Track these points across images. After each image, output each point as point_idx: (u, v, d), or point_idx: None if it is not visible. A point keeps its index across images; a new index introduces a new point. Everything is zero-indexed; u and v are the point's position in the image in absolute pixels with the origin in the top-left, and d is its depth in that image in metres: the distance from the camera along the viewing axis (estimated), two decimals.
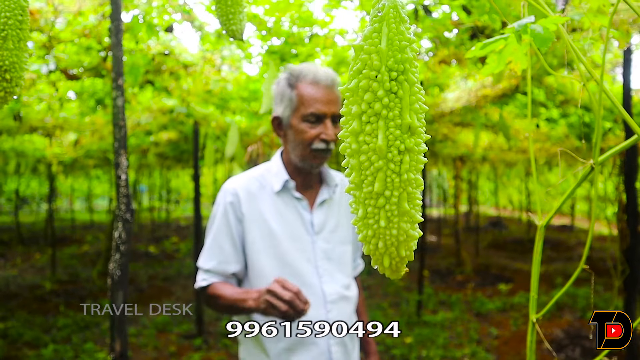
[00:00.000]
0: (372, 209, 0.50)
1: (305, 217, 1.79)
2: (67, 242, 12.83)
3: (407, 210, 0.49)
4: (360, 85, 0.49)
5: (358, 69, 0.49)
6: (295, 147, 1.75)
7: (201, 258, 1.80)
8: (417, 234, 0.51)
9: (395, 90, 0.48)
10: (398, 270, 0.52)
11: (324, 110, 1.70)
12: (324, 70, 1.76)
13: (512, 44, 0.85)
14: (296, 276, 1.71)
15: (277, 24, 2.43)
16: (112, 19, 1.89)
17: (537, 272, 0.86)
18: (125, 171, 1.97)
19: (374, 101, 0.49)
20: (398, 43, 0.49)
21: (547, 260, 9.94)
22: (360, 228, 0.51)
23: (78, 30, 2.35)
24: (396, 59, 0.49)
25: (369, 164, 0.49)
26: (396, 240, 0.50)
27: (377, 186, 0.49)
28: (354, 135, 0.49)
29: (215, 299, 1.71)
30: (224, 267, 1.75)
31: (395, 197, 0.49)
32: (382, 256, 0.51)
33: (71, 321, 5.93)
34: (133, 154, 7.54)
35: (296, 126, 1.72)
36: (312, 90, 1.71)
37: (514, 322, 6.01)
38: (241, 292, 1.65)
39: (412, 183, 0.49)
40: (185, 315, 6.36)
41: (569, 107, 4.37)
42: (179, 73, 3.20)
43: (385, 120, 0.48)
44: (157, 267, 9.44)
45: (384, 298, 7.16)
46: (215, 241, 1.77)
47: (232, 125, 3.63)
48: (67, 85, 3.11)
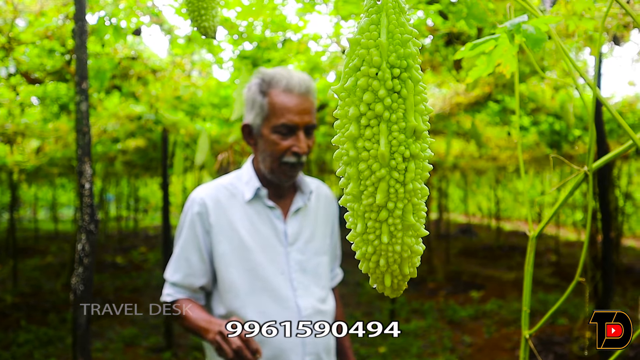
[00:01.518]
0: (373, 223, 0.44)
1: (278, 227, 1.72)
2: (30, 253, 12.39)
3: (413, 223, 0.43)
4: (358, 84, 0.42)
5: (355, 65, 0.42)
6: (265, 159, 1.68)
7: (168, 269, 1.71)
8: (422, 248, 0.45)
9: (398, 89, 0.42)
10: (399, 289, 0.47)
11: (297, 121, 1.62)
12: (298, 77, 1.67)
13: (503, 45, 0.80)
14: (269, 290, 1.64)
15: (250, 28, 2.37)
16: (75, 20, 1.79)
17: (529, 286, 0.82)
18: (89, 180, 1.86)
19: (374, 102, 0.42)
20: (400, 36, 0.43)
21: (517, 266, 10.05)
22: (358, 244, 0.45)
23: (40, 31, 2.24)
24: (398, 54, 0.42)
25: (369, 172, 0.43)
26: (399, 257, 0.44)
27: (379, 198, 0.42)
28: (351, 140, 0.43)
29: (179, 317, 1.63)
30: (191, 281, 1.67)
31: (400, 209, 0.43)
32: (382, 275, 0.45)
33: (33, 336, 5.69)
34: (99, 162, 7.33)
35: (267, 136, 1.65)
36: (284, 99, 1.63)
37: (486, 329, 6.03)
38: (204, 321, 1.55)
39: (417, 193, 0.43)
40: (153, 328, 6.18)
41: (540, 115, 4.42)
42: (147, 78, 3.09)
43: (388, 124, 0.42)
44: (125, 278, 9.18)
45: (357, 307, 7.11)
46: (182, 253, 1.69)
47: (202, 133, 3.54)
48: (28, 89, 2.97)
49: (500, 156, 7.77)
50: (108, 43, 2.58)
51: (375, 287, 0.47)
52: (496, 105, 4.37)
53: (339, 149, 0.44)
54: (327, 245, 1.83)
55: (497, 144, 6.50)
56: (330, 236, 1.89)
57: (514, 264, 10.41)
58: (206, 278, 1.68)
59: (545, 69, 3.36)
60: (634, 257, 11.12)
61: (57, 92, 3.18)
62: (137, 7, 2.25)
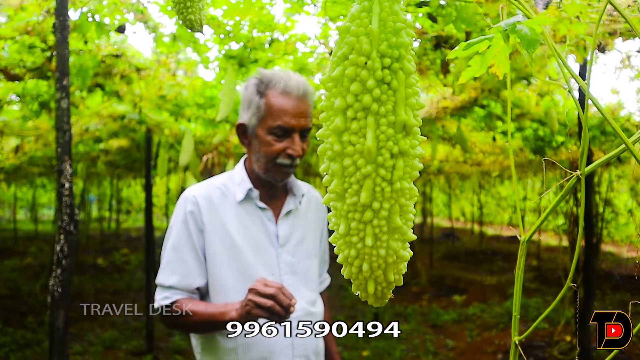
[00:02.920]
0: (357, 224, 0.41)
1: (269, 229, 1.70)
2: (9, 253, 12.17)
3: (399, 226, 0.40)
4: (345, 74, 0.39)
5: (343, 53, 0.39)
6: (259, 159, 1.66)
7: (161, 274, 1.65)
8: (408, 254, 0.42)
9: (388, 80, 0.39)
10: (384, 297, 0.44)
11: (293, 124, 1.60)
12: (296, 79, 1.65)
13: (496, 45, 0.79)
14: None
15: (237, 27, 2.33)
16: (56, 15, 1.75)
17: (519, 291, 0.80)
18: (69, 179, 1.82)
19: (362, 93, 0.39)
20: (392, 24, 0.40)
21: (499, 271, 10.12)
22: (341, 247, 0.42)
23: (20, 26, 2.19)
24: (390, 43, 0.39)
25: (354, 169, 0.40)
26: (384, 262, 0.41)
27: (363, 196, 0.39)
28: (336, 134, 0.40)
29: (183, 316, 1.58)
30: (188, 282, 1.62)
31: (386, 209, 0.40)
32: (366, 281, 0.42)
33: (10, 339, 5.56)
34: (81, 161, 7.22)
35: (262, 137, 1.63)
36: (281, 101, 1.61)
37: (469, 333, 6.05)
38: (219, 306, 1.53)
39: (405, 193, 0.40)
40: (134, 331, 6.10)
41: (525, 121, 4.44)
42: (131, 77, 3.04)
43: (376, 117, 0.38)
44: (106, 280, 9.05)
45: (340, 311, 7.08)
46: (176, 254, 1.64)
47: (186, 133, 3.49)
48: (7, 86, 2.91)
49: (484, 161, 7.82)
50: (91, 39, 2.53)
51: (358, 294, 0.44)
52: (482, 110, 4.39)
53: (324, 143, 0.41)
54: (317, 249, 1.82)
55: (481, 149, 6.53)
56: (320, 240, 1.88)
57: (495, 268, 10.48)
58: (203, 278, 1.64)
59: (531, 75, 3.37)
60: (613, 262, 11.26)
61: (38, 90, 3.11)
62: (121, 4, 2.21)
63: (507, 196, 16.17)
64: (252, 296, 1.40)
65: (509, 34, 0.72)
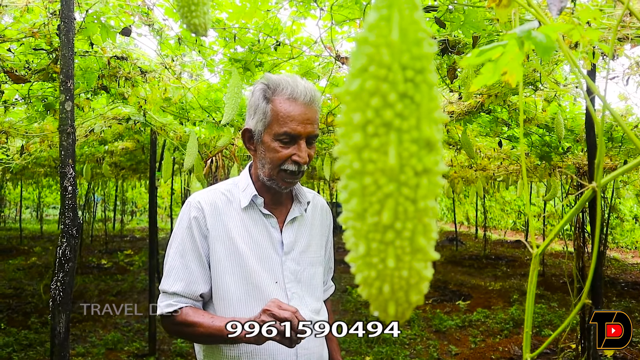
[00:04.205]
0: (378, 245, 0.38)
1: (274, 236, 1.67)
2: (14, 253, 12.21)
3: (423, 246, 0.38)
4: (365, 87, 0.37)
5: (362, 66, 0.37)
6: (265, 165, 1.63)
7: (165, 280, 1.63)
8: (430, 274, 0.40)
9: (411, 94, 0.37)
10: (403, 317, 0.42)
11: (299, 131, 1.57)
12: (303, 85, 1.62)
13: (510, 52, 0.76)
14: (262, 298, 1.59)
15: (242, 31, 2.32)
16: (62, 17, 1.73)
17: (531, 306, 0.78)
18: (72, 183, 1.80)
19: (383, 108, 0.37)
20: (414, 34, 0.38)
21: (503, 276, 10.08)
22: (360, 268, 0.39)
23: (25, 28, 2.18)
24: (412, 54, 0.37)
25: (375, 188, 0.38)
26: (406, 284, 0.39)
27: (385, 216, 0.37)
28: (355, 151, 0.37)
29: (188, 326, 1.55)
30: (193, 289, 1.60)
31: (409, 230, 0.38)
32: (386, 302, 0.40)
33: (12, 339, 5.56)
34: (86, 163, 7.23)
35: (268, 143, 1.60)
36: (288, 107, 1.58)
37: (472, 339, 6.01)
38: (226, 320, 1.50)
39: (428, 212, 0.38)
40: (137, 332, 6.08)
41: (531, 126, 4.41)
42: (136, 79, 3.03)
43: (398, 133, 0.36)
44: (109, 280, 9.05)
45: (343, 315, 7.05)
46: (181, 260, 1.62)
47: (191, 135, 3.48)
48: (13, 87, 2.90)
49: (489, 166, 7.79)
50: (96, 42, 2.52)
51: (377, 314, 0.42)
52: (487, 115, 4.36)
53: (342, 160, 0.39)
54: (322, 257, 1.80)
55: (486, 154, 6.50)
56: (325, 248, 1.86)
57: (499, 273, 10.43)
58: (208, 285, 1.62)
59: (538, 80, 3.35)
60: (618, 269, 11.21)
61: (43, 91, 3.10)
62: (126, 6, 2.20)
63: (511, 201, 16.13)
64: (266, 317, 1.38)
65: (524, 41, 0.70)
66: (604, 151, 0.84)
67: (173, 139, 4.32)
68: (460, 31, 1.99)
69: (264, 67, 2.76)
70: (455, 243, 14.68)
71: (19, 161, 4.53)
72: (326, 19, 2.36)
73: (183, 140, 4.41)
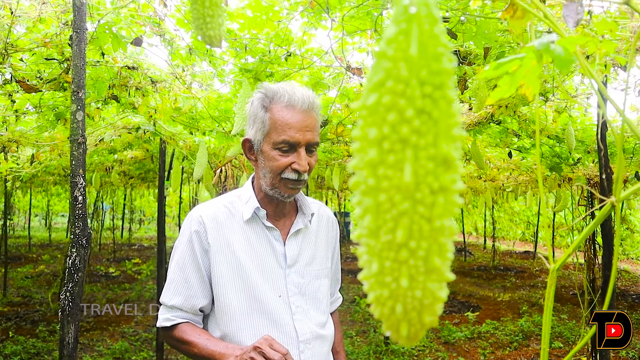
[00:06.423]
0: (392, 264, 0.37)
1: (277, 249, 1.65)
2: (22, 261, 12.28)
3: (437, 266, 0.37)
4: (382, 102, 0.37)
5: (380, 81, 0.36)
6: (266, 175, 1.61)
7: (165, 293, 1.62)
8: (445, 294, 0.39)
9: (429, 109, 0.36)
10: (416, 338, 0.40)
11: (298, 139, 1.55)
12: (301, 92, 1.60)
13: (527, 65, 0.75)
14: (266, 313, 1.57)
15: (253, 41, 2.32)
16: (74, 28, 1.75)
17: (549, 322, 0.76)
18: (82, 192, 1.81)
19: (400, 123, 0.37)
20: (433, 49, 0.37)
21: (513, 287, 9.99)
22: (373, 286, 0.38)
23: (38, 38, 2.19)
24: (431, 70, 0.37)
25: (389, 205, 0.37)
26: (419, 304, 0.38)
27: (399, 235, 0.36)
28: (371, 167, 0.37)
29: (183, 344, 1.55)
30: (192, 303, 1.59)
31: (423, 249, 0.37)
32: (399, 322, 0.39)
33: (20, 348, 5.57)
34: (96, 171, 7.27)
35: (267, 152, 1.58)
36: (286, 115, 1.56)
37: (482, 351, 5.94)
38: (221, 346, 1.49)
39: (444, 232, 0.37)
40: (144, 342, 6.07)
41: (542, 137, 4.38)
42: (146, 89, 3.04)
43: (415, 149, 0.36)
44: (117, 289, 9.07)
45: (352, 326, 7.01)
46: (180, 274, 1.61)
47: (201, 145, 3.49)
48: (25, 97, 2.92)
49: (498, 177, 7.74)
50: (107, 52, 2.54)
51: (389, 334, 0.41)
52: (497, 126, 4.34)
53: (357, 176, 0.38)
54: (327, 269, 1.77)
55: (495, 165, 6.47)
56: (331, 259, 1.83)
57: (509, 284, 10.34)
58: (207, 299, 1.61)
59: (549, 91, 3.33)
60: (629, 280, 11.08)
61: (54, 101, 3.12)
62: (138, 17, 2.21)
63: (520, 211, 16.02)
64: (255, 355, 1.37)
65: (542, 54, 0.69)
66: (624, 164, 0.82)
67: (182, 148, 4.33)
68: (471, 42, 1.98)
69: (274, 78, 2.76)
70: (463, 253, 14.59)
71: (29, 170, 4.56)
72: (337, 30, 2.36)
73: (192, 150, 4.42)
